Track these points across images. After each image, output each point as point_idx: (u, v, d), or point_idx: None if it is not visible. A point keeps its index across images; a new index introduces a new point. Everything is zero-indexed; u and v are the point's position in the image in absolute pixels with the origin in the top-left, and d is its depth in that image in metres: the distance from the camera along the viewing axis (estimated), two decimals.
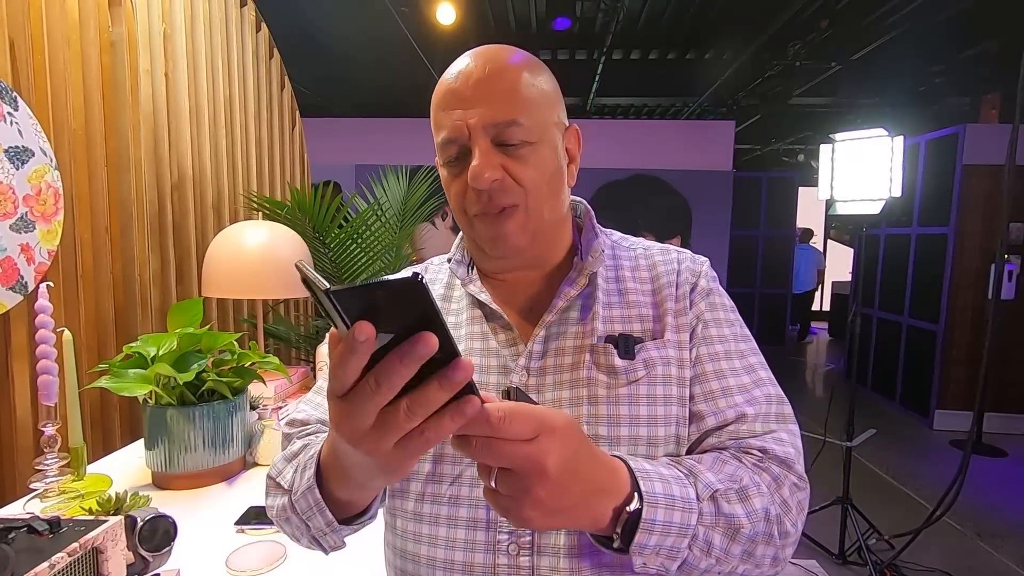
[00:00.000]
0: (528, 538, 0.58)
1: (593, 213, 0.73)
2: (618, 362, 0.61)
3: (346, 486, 0.50)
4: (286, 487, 0.58)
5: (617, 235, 0.76)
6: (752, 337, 0.68)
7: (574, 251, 0.71)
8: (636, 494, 0.47)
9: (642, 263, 0.71)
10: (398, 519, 0.63)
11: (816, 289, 8.19)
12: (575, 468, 0.42)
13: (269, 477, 0.63)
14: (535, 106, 0.61)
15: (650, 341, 0.63)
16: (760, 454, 0.57)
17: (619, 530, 0.47)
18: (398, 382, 0.34)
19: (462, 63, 0.62)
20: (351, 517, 0.56)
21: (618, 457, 0.50)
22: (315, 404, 0.71)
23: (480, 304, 0.68)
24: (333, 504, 0.53)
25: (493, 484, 0.42)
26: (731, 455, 0.57)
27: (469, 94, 0.59)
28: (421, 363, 0.34)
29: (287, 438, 0.68)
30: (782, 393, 0.63)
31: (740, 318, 0.69)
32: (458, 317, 0.70)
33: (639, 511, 0.46)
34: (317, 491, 0.52)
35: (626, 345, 0.62)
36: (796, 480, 0.57)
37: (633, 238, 0.77)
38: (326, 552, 0.59)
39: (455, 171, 0.62)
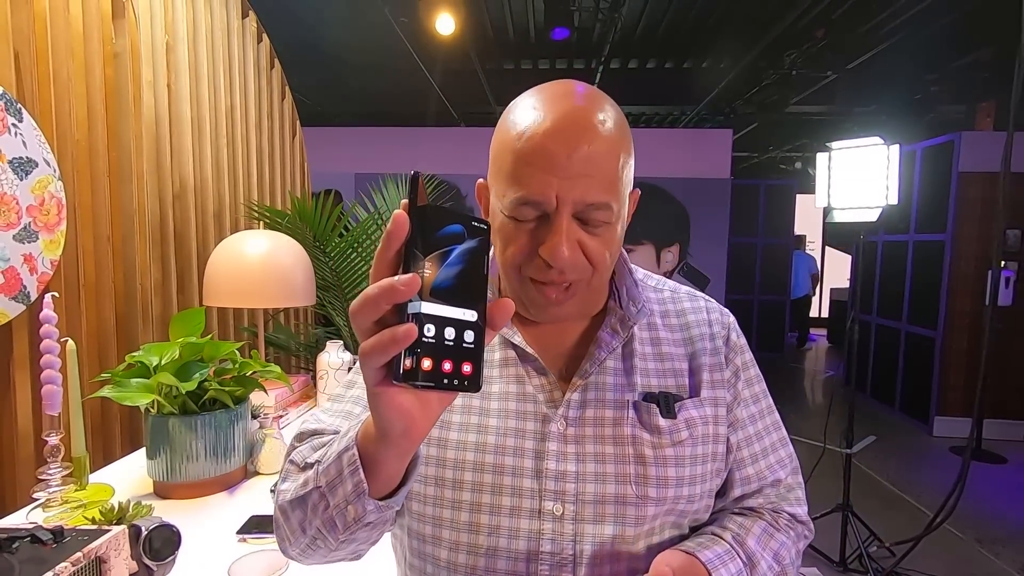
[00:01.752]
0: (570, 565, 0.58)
1: (627, 258, 0.70)
2: (662, 422, 0.61)
3: (374, 443, 0.45)
4: (312, 461, 0.54)
5: (641, 273, 0.73)
6: (768, 392, 0.73)
7: (609, 296, 0.68)
8: None
9: (671, 308, 0.70)
10: (428, 565, 0.62)
11: (811, 294, 8.22)
12: None
13: (292, 462, 0.59)
14: (625, 186, 0.59)
15: (688, 399, 0.64)
16: (790, 517, 0.68)
17: None
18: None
19: (550, 114, 0.55)
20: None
21: (692, 553, 0.58)
22: (332, 412, 0.68)
23: (512, 346, 0.66)
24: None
25: None
26: (770, 522, 0.66)
27: (568, 164, 0.54)
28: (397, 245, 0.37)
29: (292, 451, 0.63)
30: (791, 448, 0.71)
31: (760, 372, 0.72)
32: (488, 356, 0.66)
33: None
34: (354, 449, 0.47)
35: (667, 404, 0.62)
36: (808, 533, 0.69)
37: (657, 276, 0.75)
38: (334, 543, 0.52)
39: (523, 228, 0.57)
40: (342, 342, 1.80)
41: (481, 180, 0.67)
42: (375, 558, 0.80)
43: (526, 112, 0.57)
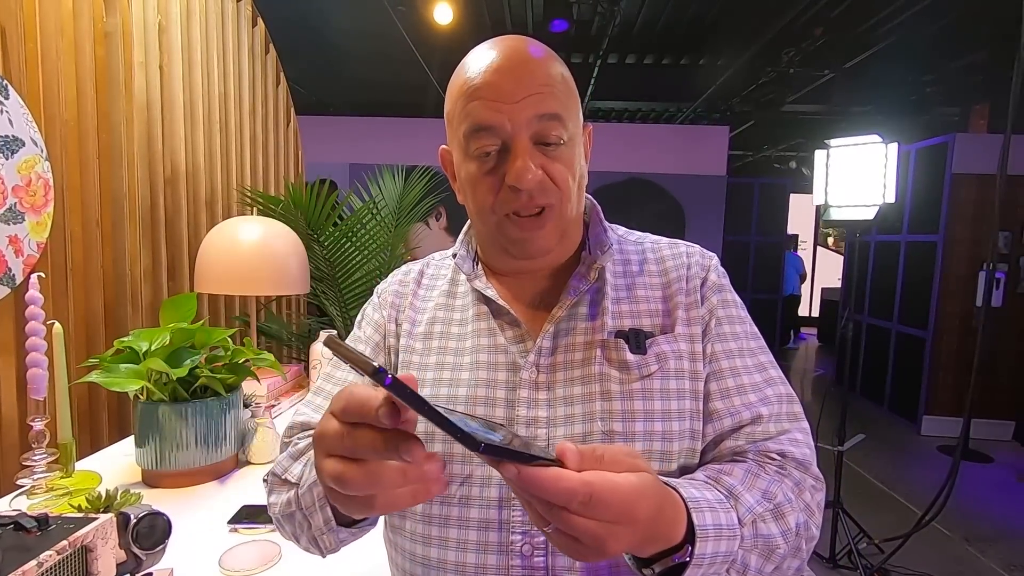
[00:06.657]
0: (543, 537, 0.56)
1: (600, 209, 0.72)
2: (630, 357, 0.61)
3: None
4: (294, 481, 0.58)
5: (623, 230, 0.76)
6: (760, 335, 0.68)
7: (582, 246, 0.70)
8: (688, 531, 0.46)
9: (650, 256, 0.71)
10: (407, 521, 0.61)
11: (799, 294, 8.24)
12: (646, 533, 0.42)
13: (273, 475, 0.62)
14: (571, 102, 0.61)
15: (660, 335, 0.63)
16: (779, 458, 0.58)
17: (658, 569, 0.46)
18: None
19: (493, 54, 0.59)
20: (352, 521, 0.56)
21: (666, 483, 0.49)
22: (315, 406, 0.69)
23: (486, 300, 0.67)
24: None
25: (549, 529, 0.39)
26: (755, 462, 0.57)
27: (515, 89, 0.57)
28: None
29: (285, 446, 0.67)
30: (792, 391, 0.63)
31: (748, 315, 0.69)
32: (463, 314, 0.69)
33: (688, 560, 0.45)
34: (321, 486, 0.50)
35: (637, 339, 0.62)
36: (814, 482, 0.58)
37: (639, 233, 0.76)
38: (323, 555, 0.58)
39: (487, 167, 0.60)
40: (335, 332, 1.78)
41: (443, 147, 0.68)
42: (370, 557, 0.79)
43: (473, 60, 0.61)
